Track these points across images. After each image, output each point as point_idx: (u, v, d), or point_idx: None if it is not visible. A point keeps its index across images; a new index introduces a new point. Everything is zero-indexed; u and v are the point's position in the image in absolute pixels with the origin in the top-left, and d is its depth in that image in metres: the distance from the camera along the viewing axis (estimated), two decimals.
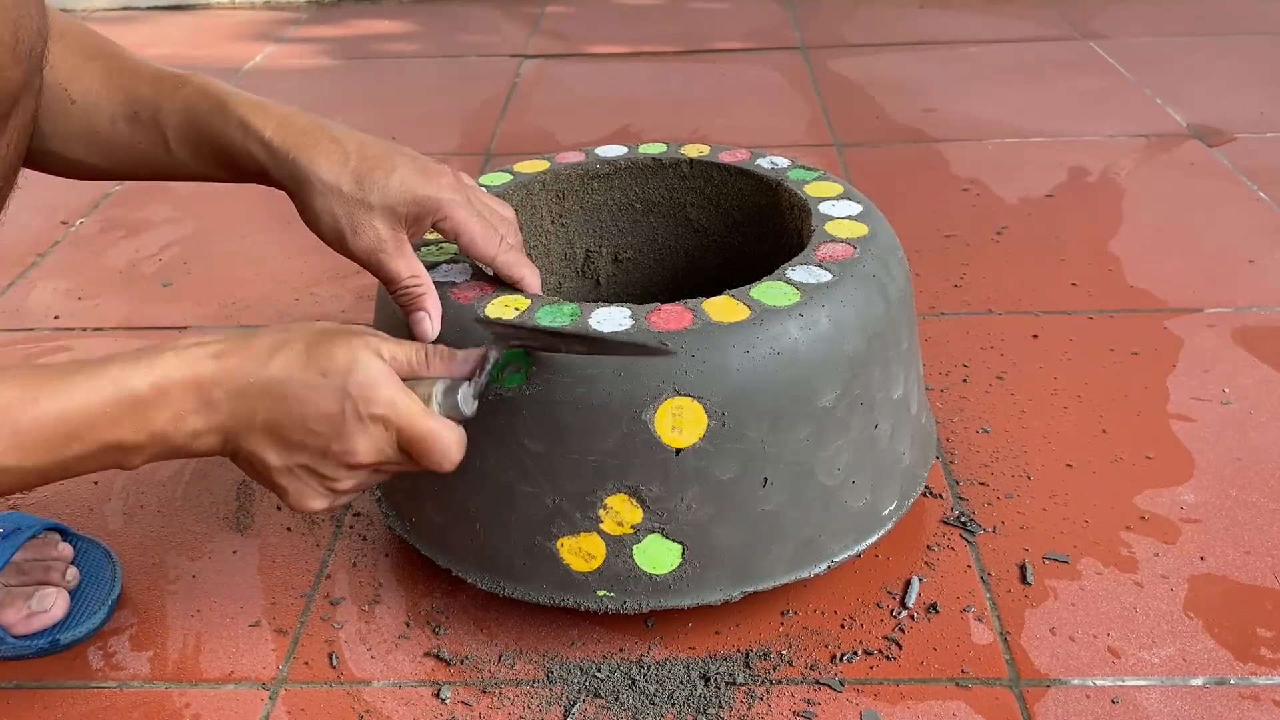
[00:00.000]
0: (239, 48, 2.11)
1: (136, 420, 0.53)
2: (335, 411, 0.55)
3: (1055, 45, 1.93)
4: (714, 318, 0.66)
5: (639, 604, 0.68)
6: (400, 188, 0.64)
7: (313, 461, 0.57)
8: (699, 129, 1.60)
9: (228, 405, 0.55)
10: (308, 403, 0.55)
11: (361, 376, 0.56)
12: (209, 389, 0.55)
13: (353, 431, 0.56)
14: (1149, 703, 0.66)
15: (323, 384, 0.55)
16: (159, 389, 0.54)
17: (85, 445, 0.53)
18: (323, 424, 0.56)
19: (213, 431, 0.56)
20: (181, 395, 0.54)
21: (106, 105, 0.66)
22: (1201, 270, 1.16)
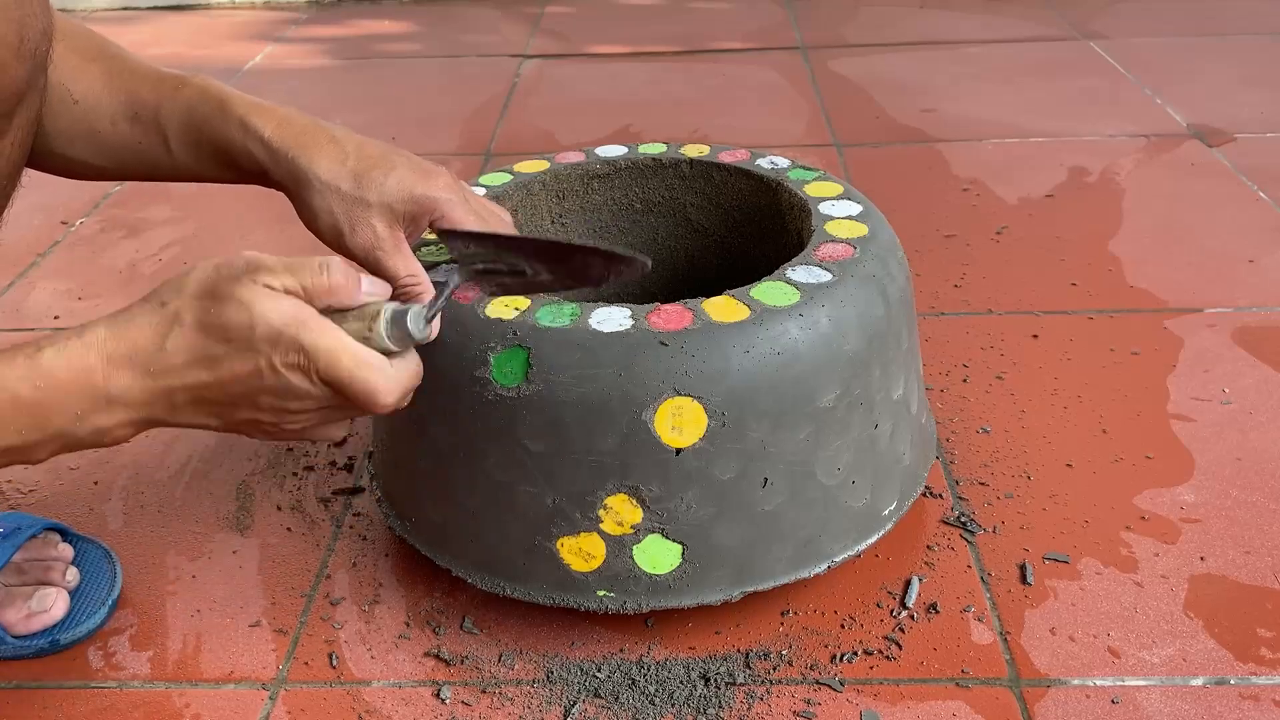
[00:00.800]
0: (239, 48, 2.11)
1: (27, 424, 0.51)
2: (252, 370, 0.52)
3: (1055, 45, 1.93)
4: (714, 318, 0.66)
5: (639, 604, 0.68)
6: (398, 186, 0.64)
7: (253, 414, 0.54)
8: (699, 129, 1.60)
9: (135, 398, 0.53)
10: (222, 373, 0.52)
11: (264, 328, 0.52)
12: (103, 388, 0.52)
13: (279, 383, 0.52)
14: (1149, 703, 0.66)
15: (229, 351, 0.52)
16: (43, 391, 0.51)
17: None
18: (243, 385, 0.53)
19: (126, 425, 0.54)
20: (74, 397, 0.52)
21: (108, 105, 0.67)
22: (1201, 270, 1.16)
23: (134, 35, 2.20)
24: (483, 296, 0.69)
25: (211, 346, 0.52)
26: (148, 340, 0.53)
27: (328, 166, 0.63)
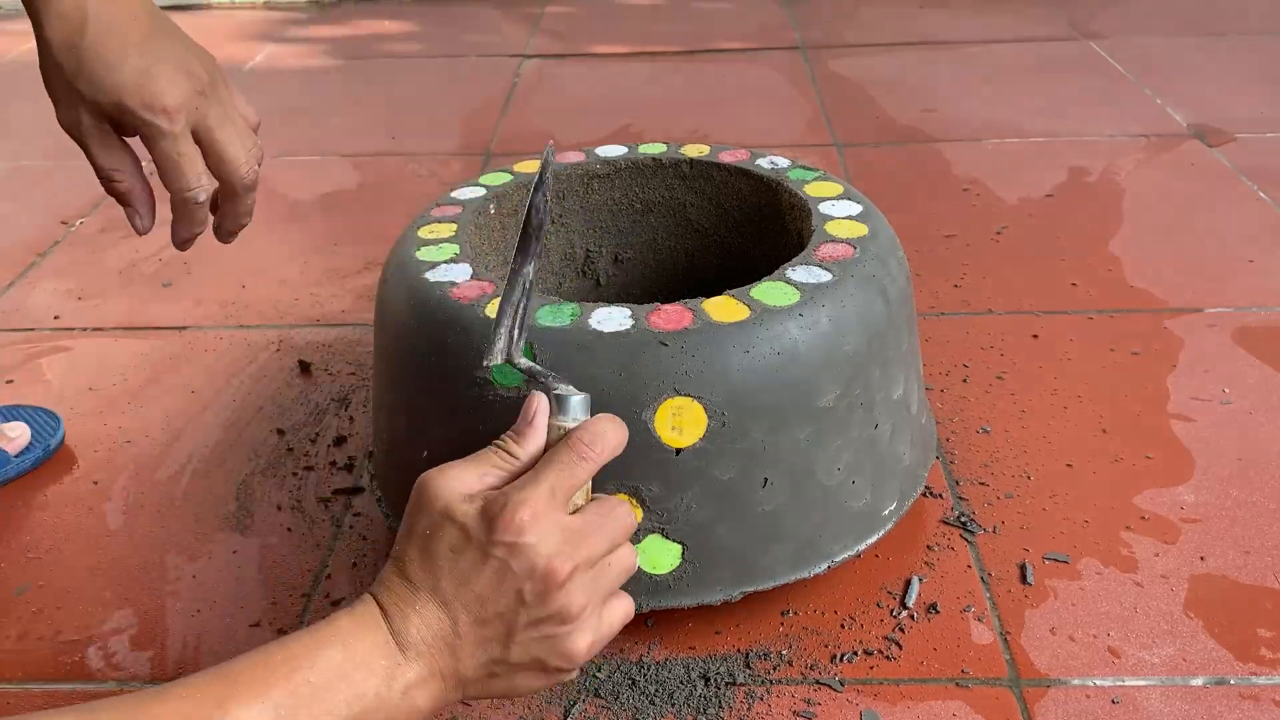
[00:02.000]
0: (239, 47, 2.11)
1: (347, 689, 0.47)
2: (493, 571, 0.49)
3: (1055, 45, 1.93)
4: (714, 318, 0.66)
5: (639, 604, 0.68)
6: (112, 88, 0.57)
7: (530, 613, 0.50)
8: (699, 129, 1.60)
9: (421, 643, 0.49)
10: (465, 581, 0.50)
11: (475, 524, 0.49)
12: (398, 639, 0.49)
13: (523, 564, 0.49)
14: (1149, 703, 0.66)
15: (458, 560, 0.50)
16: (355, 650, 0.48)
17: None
18: (496, 589, 0.49)
19: (429, 676, 0.50)
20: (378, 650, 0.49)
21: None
22: (1201, 270, 1.16)
23: None
24: (484, 296, 0.69)
25: (442, 559, 0.50)
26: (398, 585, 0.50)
27: (60, 27, 0.56)
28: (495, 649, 0.50)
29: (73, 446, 0.94)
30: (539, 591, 0.49)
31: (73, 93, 0.57)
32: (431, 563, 0.50)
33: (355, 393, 1.00)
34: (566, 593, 0.50)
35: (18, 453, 0.89)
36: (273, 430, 0.95)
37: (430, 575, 0.50)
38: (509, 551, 0.49)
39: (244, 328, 1.12)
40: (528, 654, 0.51)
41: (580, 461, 0.51)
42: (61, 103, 0.58)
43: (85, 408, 0.99)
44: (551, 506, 0.50)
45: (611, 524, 0.52)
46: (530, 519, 0.49)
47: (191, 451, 0.93)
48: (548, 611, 0.50)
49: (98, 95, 0.57)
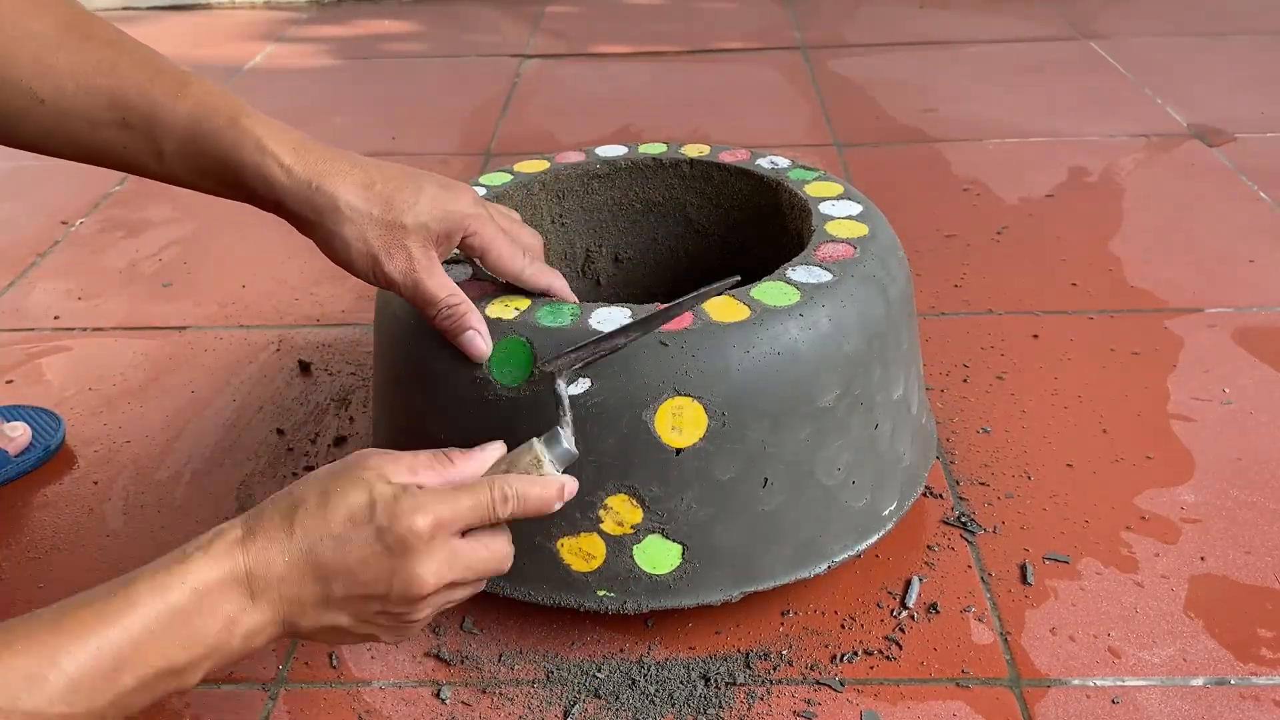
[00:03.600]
0: (239, 47, 2.11)
1: (188, 636, 0.49)
2: (377, 553, 0.52)
3: (1055, 45, 1.93)
4: (714, 318, 0.66)
5: (639, 604, 0.68)
6: (431, 205, 0.62)
7: (386, 605, 0.53)
8: (699, 129, 1.60)
9: (275, 593, 0.51)
10: (347, 556, 0.52)
11: (385, 507, 0.52)
12: (250, 582, 0.51)
13: (405, 563, 0.52)
14: (1149, 703, 0.66)
15: (351, 531, 0.52)
16: (201, 596, 0.50)
17: (137, 675, 0.48)
18: (372, 569, 0.52)
19: (268, 625, 0.52)
20: (226, 597, 0.50)
21: (85, 106, 0.59)
22: (1201, 270, 1.16)
23: (134, 35, 2.20)
24: (484, 296, 0.69)
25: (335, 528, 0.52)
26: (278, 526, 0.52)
27: (356, 192, 0.60)
28: (339, 618, 0.54)
29: (73, 446, 0.94)
30: (403, 595, 0.53)
31: (396, 233, 0.61)
32: (323, 518, 0.52)
33: (355, 393, 1.00)
34: (424, 604, 0.54)
35: (18, 453, 0.89)
36: (273, 430, 0.95)
37: (315, 530, 0.52)
38: (401, 547, 0.52)
39: (244, 328, 1.12)
40: (365, 630, 0.55)
41: (490, 511, 0.55)
42: (388, 257, 0.62)
43: (85, 408, 0.99)
44: (451, 526, 0.54)
45: (491, 562, 0.56)
46: (429, 530, 0.52)
47: (191, 451, 0.93)
48: (400, 610, 0.54)
49: (423, 218, 0.62)
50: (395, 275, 0.62)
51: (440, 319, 0.64)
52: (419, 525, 0.52)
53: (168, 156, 0.60)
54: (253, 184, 0.60)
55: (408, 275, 0.62)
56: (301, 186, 0.60)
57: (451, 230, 0.63)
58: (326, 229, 0.61)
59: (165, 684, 0.49)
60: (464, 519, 0.54)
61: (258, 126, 0.60)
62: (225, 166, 0.60)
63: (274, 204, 0.61)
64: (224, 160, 0.60)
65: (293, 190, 0.60)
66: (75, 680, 0.46)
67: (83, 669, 0.46)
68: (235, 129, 0.59)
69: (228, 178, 0.61)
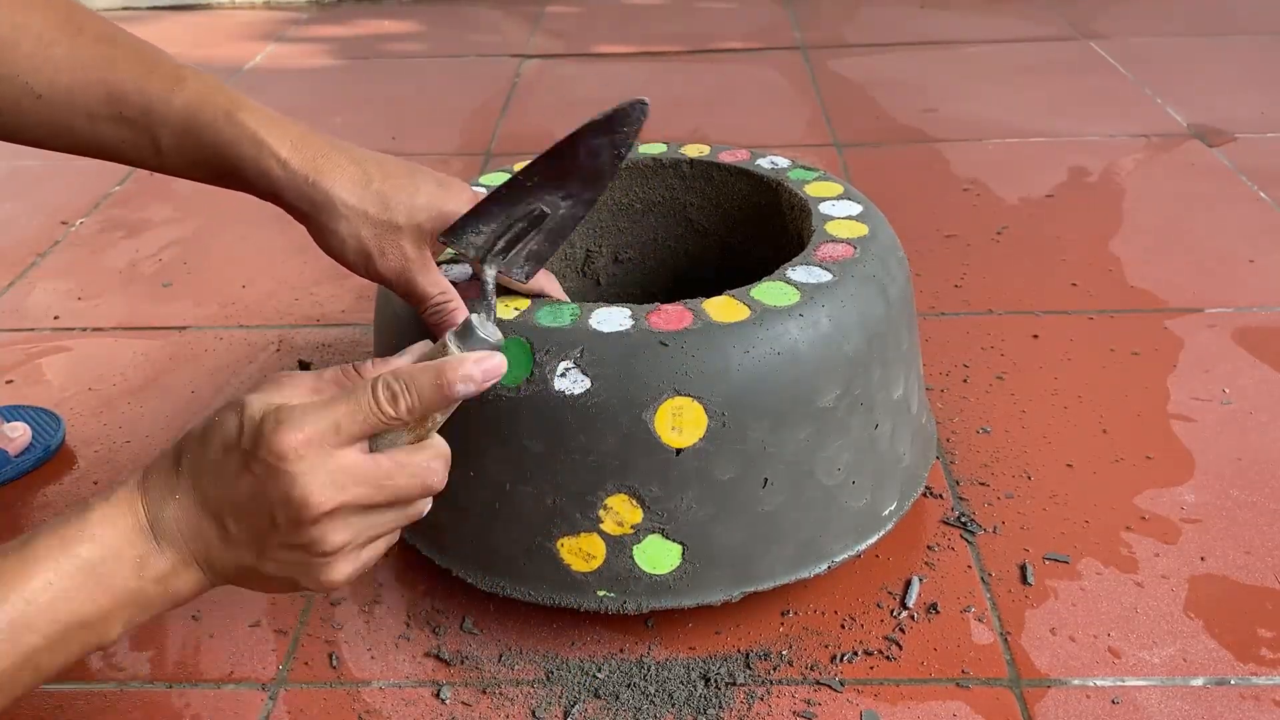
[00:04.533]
0: (240, 47, 2.11)
1: (95, 587, 0.48)
2: (251, 482, 0.49)
3: (1055, 45, 1.93)
4: (714, 318, 0.66)
5: (639, 604, 0.68)
6: (427, 205, 0.62)
7: (281, 536, 0.50)
8: (699, 129, 1.60)
9: (175, 531, 0.49)
10: (225, 486, 0.49)
11: (250, 430, 0.49)
12: (152, 524, 0.49)
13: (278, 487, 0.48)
14: (1149, 703, 0.66)
15: (224, 459, 0.49)
16: (104, 544, 0.48)
17: (43, 634, 0.46)
18: (251, 501, 0.49)
19: (182, 568, 0.50)
20: (129, 541, 0.49)
21: (82, 101, 0.59)
22: (1201, 270, 1.16)
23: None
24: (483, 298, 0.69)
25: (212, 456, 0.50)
26: (167, 465, 0.51)
27: (352, 190, 0.60)
28: (246, 556, 0.50)
29: (73, 446, 0.94)
30: (291, 519, 0.49)
31: (391, 233, 0.61)
32: (203, 449, 0.50)
33: None
34: (320, 528, 0.49)
35: (18, 453, 0.89)
36: None
37: (196, 465, 0.50)
38: (266, 471, 0.48)
39: (244, 328, 1.12)
40: (279, 571, 0.51)
41: (374, 411, 0.50)
42: (381, 255, 0.62)
43: (85, 408, 0.99)
44: (329, 440, 0.49)
45: (402, 477, 0.50)
46: (296, 446, 0.48)
47: None
48: (299, 540, 0.49)
49: (418, 218, 0.62)
50: (388, 273, 0.63)
51: (428, 315, 0.65)
52: (281, 443, 0.47)
53: (165, 150, 0.60)
54: (250, 177, 0.60)
55: (400, 273, 0.63)
56: (298, 181, 0.60)
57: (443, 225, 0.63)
58: (321, 224, 0.61)
59: (80, 638, 0.48)
60: (344, 428, 0.49)
61: (254, 120, 0.59)
62: (222, 160, 0.60)
63: (272, 196, 0.61)
64: (221, 154, 0.60)
65: (289, 184, 0.60)
66: None
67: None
68: (231, 123, 0.59)
69: (225, 170, 0.61)
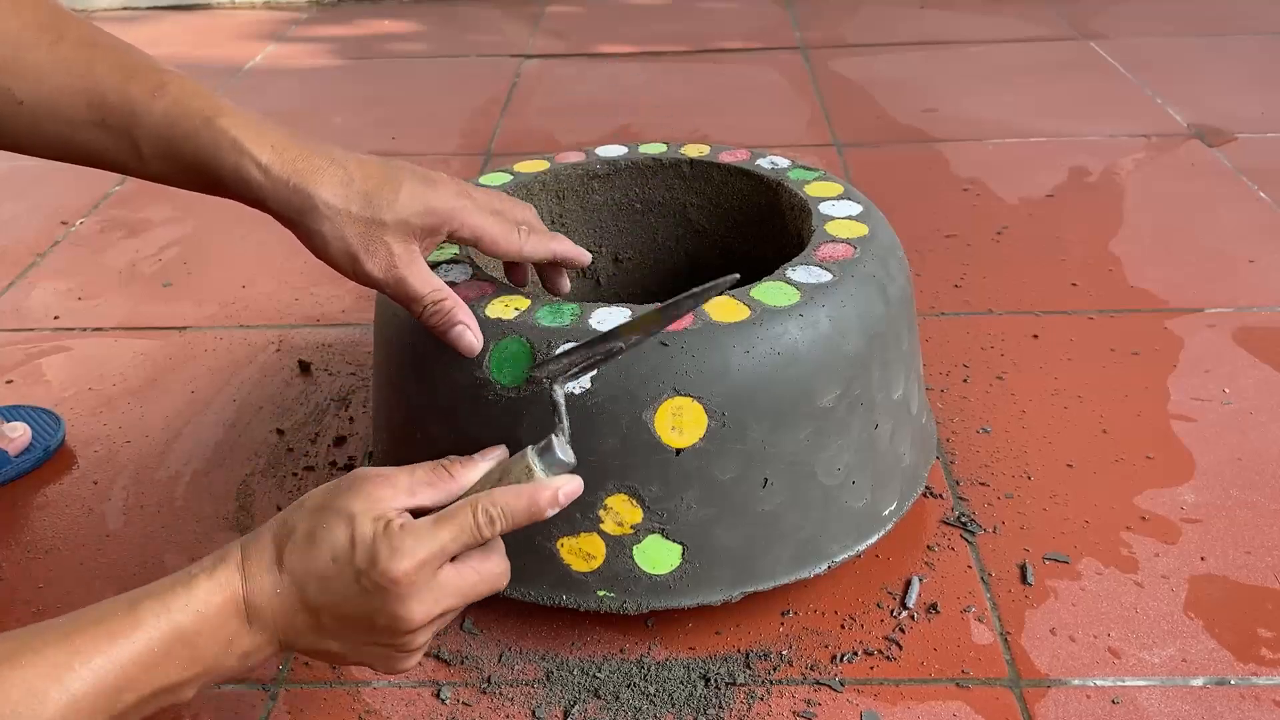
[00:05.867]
0: (239, 47, 2.11)
1: (186, 656, 0.51)
2: (358, 593, 0.52)
3: (1055, 45, 1.93)
4: (714, 318, 0.66)
5: (639, 604, 0.68)
6: (411, 201, 0.61)
7: (373, 638, 0.54)
8: (699, 129, 1.60)
9: (269, 618, 0.53)
10: (331, 594, 0.53)
11: (364, 550, 0.52)
12: (247, 607, 0.52)
13: (387, 604, 0.52)
14: (1149, 703, 0.66)
15: (334, 571, 0.52)
16: (202, 618, 0.51)
17: (138, 693, 0.49)
18: (355, 608, 0.53)
19: (264, 646, 0.53)
20: (226, 619, 0.52)
21: (65, 107, 0.58)
22: (1201, 270, 1.16)
23: (134, 35, 2.19)
24: (484, 296, 0.69)
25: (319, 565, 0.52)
26: (268, 555, 0.53)
27: (334, 190, 0.60)
28: (332, 645, 0.55)
29: (73, 446, 0.94)
30: (390, 628, 0.53)
31: (375, 230, 0.61)
32: (309, 555, 0.53)
33: (355, 393, 1.00)
34: (414, 636, 0.54)
35: (18, 453, 0.89)
36: (273, 430, 0.95)
37: (301, 566, 0.53)
38: (376, 590, 0.52)
39: (244, 328, 1.12)
40: (358, 658, 0.56)
41: (474, 534, 0.54)
42: (367, 253, 0.61)
43: (85, 408, 0.99)
44: (433, 563, 0.53)
45: (484, 585, 0.56)
46: (407, 572, 0.52)
47: (191, 451, 0.93)
48: (389, 643, 0.55)
49: (403, 214, 0.61)
50: (376, 273, 0.62)
51: (426, 315, 0.64)
52: (396, 570, 0.51)
53: (147, 157, 0.60)
54: (231, 184, 0.60)
55: (389, 272, 0.62)
56: (279, 186, 0.59)
57: (435, 225, 0.62)
58: (306, 227, 0.60)
59: (161, 700, 0.51)
60: (448, 550, 0.53)
61: (234, 126, 0.59)
62: (204, 167, 0.59)
63: (256, 203, 0.61)
64: (202, 161, 0.59)
65: (271, 190, 0.59)
66: (77, 697, 0.47)
67: (86, 686, 0.47)
68: (211, 129, 0.58)
69: (208, 178, 0.60)
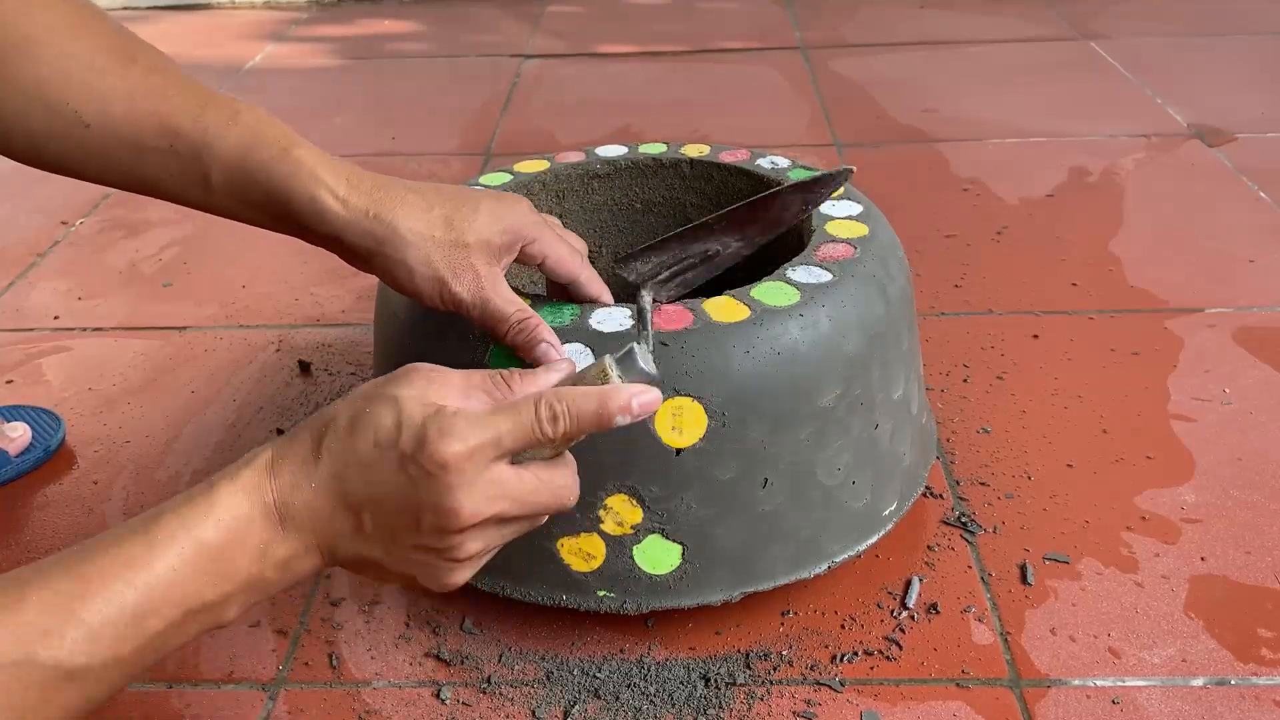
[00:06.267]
0: (240, 47, 2.11)
1: (217, 572, 0.47)
2: (403, 482, 0.49)
3: (1055, 45, 1.93)
4: (714, 318, 0.66)
5: (639, 604, 0.68)
6: (490, 219, 0.61)
7: (420, 539, 0.50)
8: (699, 129, 1.60)
9: (305, 519, 0.49)
10: (374, 485, 0.49)
11: (411, 433, 0.49)
12: (280, 510, 0.49)
13: (434, 494, 0.48)
14: (1149, 703, 0.66)
15: (377, 457, 0.49)
16: (229, 529, 0.48)
17: (166, 618, 0.46)
18: (399, 500, 0.49)
19: (304, 554, 0.50)
20: (254, 526, 0.48)
21: (132, 133, 0.58)
22: (1201, 270, 1.16)
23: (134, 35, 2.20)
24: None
25: (362, 451, 0.49)
26: (306, 448, 0.50)
27: (416, 217, 0.59)
28: (375, 550, 0.51)
29: (73, 446, 0.94)
30: (437, 526, 0.49)
31: (460, 252, 0.60)
32: (350, 441, 0.50)
33: None
34: (463, 536, 0.50)
35: (18, 453, 0.89)
36: (273, 430, 0.95)
37: (340, 454, 0.50)
38: (423, 476, 0.48)
39: (244, 328, 1.12)
40: (403, 567, 0.51)
41: (535, 430, 0.50)
42: (454, 276, 0.60)
43: (85, 408, 0.99)
44: (489, 453, 0.49)
45: (545, 494, 0.51)
46: (458, 457, 0.48)
47: (191, 451, 0.93)
48: (438, 545, 0.50)
49: (485, 234, 0.61)
50: (464, 295, 0.61)
51: (512, 334, 0.63)
52: (446, 453, 0.48)
53: (215, 185, 0.59)
54: (304, 216, 0.59)
55: (476, 294, 0.61)
56: (359, 217, 0.58)
57: (513, 241, 0.62)
58: (389, 257, 0.59)
59: (198, 621, 0.48)
60: (504, 443, 0.49)
61: (310, 158, 0.58)
62: (274, 198, 0.58)
63: (327, 237, 0.59)
64: (274, 191, 0.58)
65: (350, 221, 0.58)
66: (95, 630, 0.44)
67: (104, 617, 0.45)
68: (288, 160, 0.58)
69: (277, 209, 0.59)
